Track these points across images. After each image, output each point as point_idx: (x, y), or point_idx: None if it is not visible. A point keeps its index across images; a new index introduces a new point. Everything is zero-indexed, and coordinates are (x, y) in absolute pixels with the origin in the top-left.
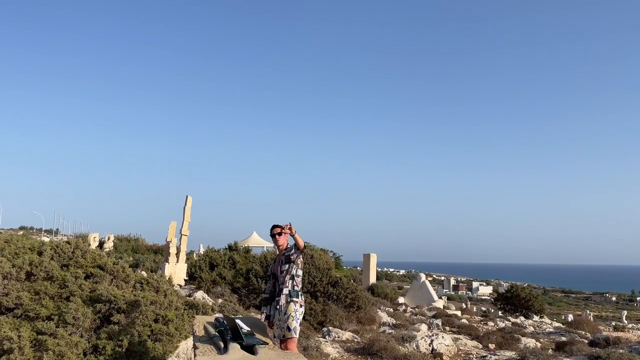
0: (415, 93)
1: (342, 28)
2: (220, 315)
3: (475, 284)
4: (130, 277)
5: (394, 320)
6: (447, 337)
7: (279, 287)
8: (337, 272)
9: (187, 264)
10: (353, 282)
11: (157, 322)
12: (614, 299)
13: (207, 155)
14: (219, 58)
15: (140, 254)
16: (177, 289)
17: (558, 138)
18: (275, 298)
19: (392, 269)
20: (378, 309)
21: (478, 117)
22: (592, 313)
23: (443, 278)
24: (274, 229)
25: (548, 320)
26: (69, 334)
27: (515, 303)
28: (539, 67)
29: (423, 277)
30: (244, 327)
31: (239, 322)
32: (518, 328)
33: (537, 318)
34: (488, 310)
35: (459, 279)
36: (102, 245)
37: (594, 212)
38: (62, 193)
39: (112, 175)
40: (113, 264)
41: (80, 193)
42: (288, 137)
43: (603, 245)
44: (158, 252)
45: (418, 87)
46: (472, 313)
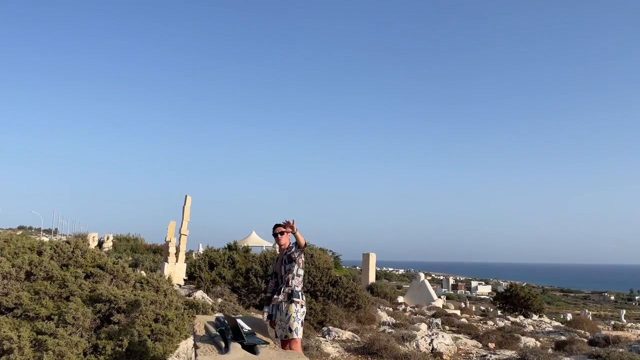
0: (415, 91)
1: (342, 27)
2: (221, 315)
3: (474, 284)
4: (130, 276)
5: (394, 320)
6: (447, 336)
7: (281, 286)
8: (336, 271)
9: (186, 264)
10: (353, 281)
11: (157, 321)
12: (613, 298)
13: (206, 155)
14: (219, 57)
15: (140, 254)
16: (176, 289)
17: (557, 137)
18: (276, 297)
19: (391, 269)
20: (378, 309)
21: (477, 115)
22: (590, 312)
23: (442, 277)
24: (277, 228)
25: (547, 320)
26: (69, 334)
27: (515, 302)
28: (538, 65)
29: (422, 276)
30: (245, 326)
31: (240, 321)
32: (517, 327)
33: (536, 317)
34: (487, 310)
35: (458, 279)
36: (101, 245)
37: (593, 211)
38: (61, 193)
39: (111, 175)
40: (113, 264)
41: (79, 193)
42: (287, 136)
43: (601, 245)
44: (157, 251)
45: (418, 85)
46: (471, 312)
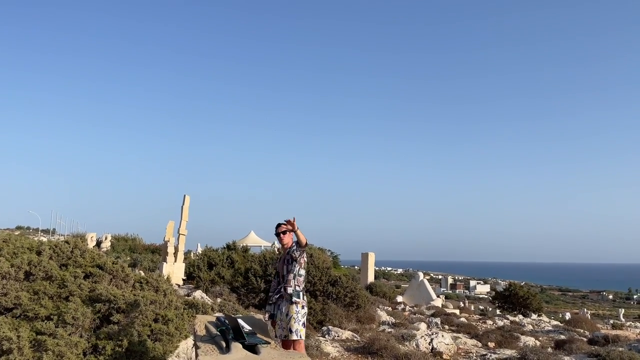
0: (415, 92)
1: (342, 27)
2: (222, 315)
3: (473, 283)
4: (130, 276)
5: (393, 319)
6: (446, 335)
7: (282, 286)
8: (334, 271)
9: (185, 264)
10: (352, 281)
11: (156, 321)
12: (611, 297)
13: (205, 155)
14: (219, 57)
15: (138, 254)
16: (175, 289)
17: (557, 137)
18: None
19: (389, 268)
20: (377, 308)
21: (476, 115)
22: (589, 311)
23: (440, 277)
24: (279, 228)
25: (546, 319)
26: (69, 334)
27: (514, 301)
28: (538, 65)
29: (421, 275)
30: (246, 326)
31: (241, 321)
32: (517, 326)
33: (535, 316)
34: (486, 309)
35: (457, 278)
36: (99, 245)
37: (591, 211)
38: (59, 192)
39: (109, 175)
40: (112, 264)
41: (78, 192)
42: (287, 136)
43: (600, 244)
44: (155, 251)
45: (418, 85)
46: (470, 312)
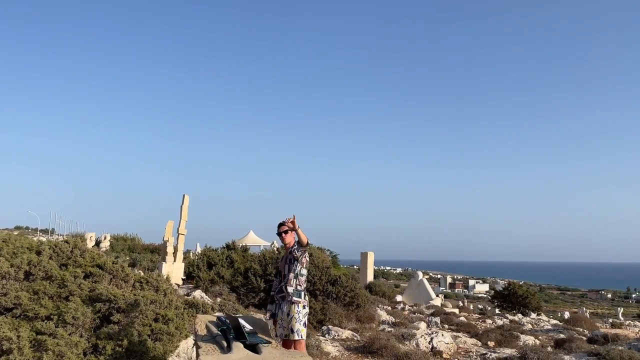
0: (415, 91)
1: (341, 26)
2: (222, 314)
3: (472, 282)
4: (130, 276)
5: (393, 319)
6: (446, 335)
7: (283, 285)
8: (334, 270)
9: (184, 263)
10: (352, 280)
11: (157, 321)
12: (610, 296)
13: (204, 154)
14: (218, 57)
15: (137, 254)
16: (175, 288)
17: (556, 136)
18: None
19: (388, 267)
20: (377, 307)
21: (475, 115)
22: (588, 310)
23: (439, 276)
24: (281, 227)
25: (545, 318)
26: (69, 334)
27: (513, 300)
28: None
29: (421, 275)
30: (247, 326)
31: (242, 321)
32: (516, 325)
33: (534, 315)
34: (485, 308)
35: (456, 277)
36: (98, 245)
37: (590, 210)
38: (58, 192)
39: (108, 175)
40: (112, 263)
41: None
42: (286, 135)
43: (598, 243)
44: (155, 251)
45: (417, 85)
46: (469, 311)
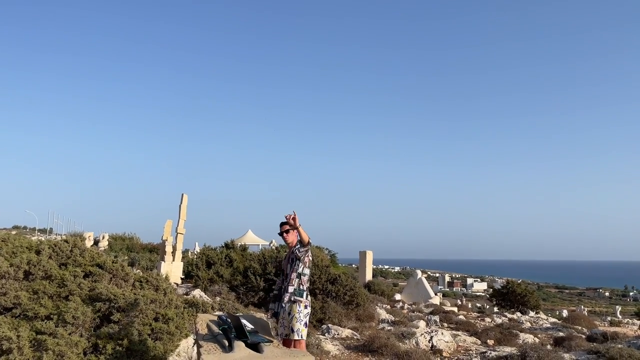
0: (415, 88)
1: (341, 24)
2: (223, 313)
3: (470, 281)
4: (130, 275)
5: (393, 317)
6: (446, 333)
7: (285, 285)
8: (333, 269)
9: (183, 263)
10: (352, 279)
11: (157, 320)
12: (607, 295)
13: (203, 153)
14: (218, 55)
15: (136, 253)
16: (174, 288)
17: (554, 134)
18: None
19: (386, 266)
20: (376, 306)
21: (474, 113)
22: (586, 308)
23: (438, 275)
24: (282, 227)
25: (544, 316)
26: (69, 334)
27: (511, 299)
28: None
29: (419, 273)
30: (248, 325)
31: (243, 320)
32: (515, 324)
33: (533, 314)
34: (483, 307)
35: (454, 276)
36: (96, 244)
37: (587, 208)
38: (56, 192)
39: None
40: (112, 263)
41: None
42: (285, 134)
43: (596, 242)
44: (153, 250)
45: (417, 82)
46: (468, 309)
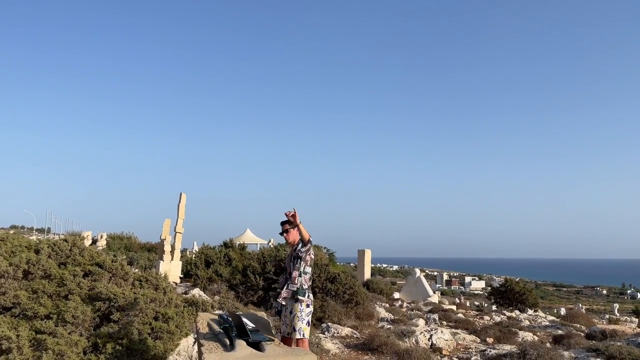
0: (415, 87)
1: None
2: (224, 312)
3: (468, 279)
4: (129, 274)
5: (392, 316)
6: (445, 331)
7: (288, 283)
8: (332, 268)
9: (182, 262)
10: (351, 277)
11: (157, 319)
12: (605, 293)
13: (202, 153)
14: (218, 54)
15: (134, 252)
16: (173, 287)
17: (553, 133)
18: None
19: (385, 265)
20: (375, 305)
21: (473, 112)
22: (583, 306)
23: (436, 273)
24: (283, 226)
25: (542, 314)
26: (69, 333)
27: (510, 297)
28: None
29: (418, 272)
30: (249, 323)
31: (244, 318)
32: (514, 322)
33: (531, 312)
34: (482, 305)
35: (452, 274)
36: (95, 244)
37: (586, 207)
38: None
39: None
40: (111, 262)
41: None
42: (285, 133)
43: (594, 240)
44: (152, 250)
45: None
46: (466, 308)
